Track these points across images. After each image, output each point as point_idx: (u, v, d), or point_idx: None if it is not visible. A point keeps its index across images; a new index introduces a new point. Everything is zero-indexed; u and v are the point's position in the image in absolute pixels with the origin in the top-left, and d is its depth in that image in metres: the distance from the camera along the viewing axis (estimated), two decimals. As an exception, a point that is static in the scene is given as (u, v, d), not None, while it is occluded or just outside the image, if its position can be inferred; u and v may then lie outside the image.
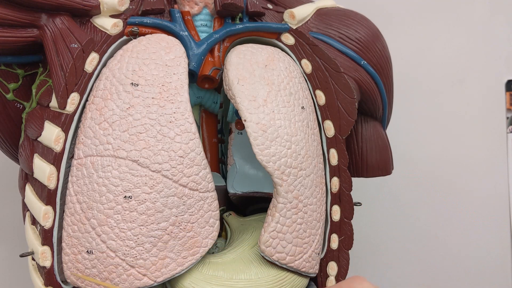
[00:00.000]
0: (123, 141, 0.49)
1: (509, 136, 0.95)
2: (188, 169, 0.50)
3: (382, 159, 0.66)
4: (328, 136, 0.59)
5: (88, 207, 0.49)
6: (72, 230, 0.50)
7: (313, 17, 0.61)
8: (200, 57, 0.55)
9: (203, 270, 0.53)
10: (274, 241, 0.53)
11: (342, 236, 0.61)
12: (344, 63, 0.59)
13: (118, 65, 0.51)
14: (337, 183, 0.60)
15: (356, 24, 0.61)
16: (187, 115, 0.50)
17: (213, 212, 0.52)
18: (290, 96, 0.55)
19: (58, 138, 0.51)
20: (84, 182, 0.50)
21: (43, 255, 0.51)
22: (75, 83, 0.51)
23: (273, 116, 0.53)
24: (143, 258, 0.49)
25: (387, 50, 0.64)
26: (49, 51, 0.51)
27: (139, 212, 0.49)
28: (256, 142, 0.51)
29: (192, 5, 0.56)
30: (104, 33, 0.53)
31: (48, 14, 0.51)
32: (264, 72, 0.55)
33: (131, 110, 0.50)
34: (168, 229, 0.49)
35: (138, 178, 0.49)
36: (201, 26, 0.57)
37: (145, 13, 0.55)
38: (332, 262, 0.61)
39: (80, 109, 0.52)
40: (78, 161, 0.50)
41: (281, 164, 0.52)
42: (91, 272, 0.50)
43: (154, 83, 0.50)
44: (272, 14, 0.60)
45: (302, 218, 0.54)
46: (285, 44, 0.59)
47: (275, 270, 0.54)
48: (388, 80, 0.64)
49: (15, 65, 0.55)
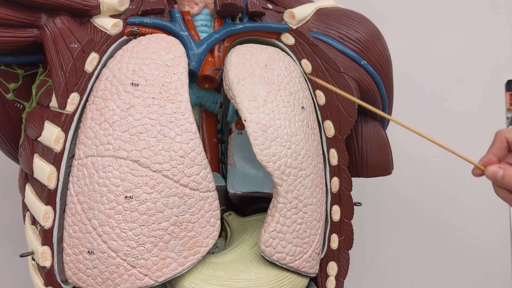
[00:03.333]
0: (123, 141, 0.49)
1: (509, 136, 0.95)
2: (188, 169, 0.50)
3: (382, 159, 0.66)
4: (328, 136, 0.59)
5: (89, 207, 0.49)
6: (73, 231, 0.50)
7: (313, 17, 0.61)
8: (200, 57, 0.55)
9: (203, 270, 0.53)
10: (274, 241, 0.53)
11: (342, 236, 0.61)
12: (344, 63, 0.59)
13: (118, 65, 0.51)
14: (337, 183, 0.60)
15: (356, 24, 0.61)
16: (188, 115, 0.50)
17: (214, 212, 0.52)
18: (290, 96, 0.55)
19: (58, 138, 0.51)
20: (85, 182, 0.50)
21: (43, 255, 0.51)
22: (75, 83, 0.51)
23: (273, 116, 0.53)
24: (144, 258, 0.49)
25: (387, 50, 0.64)
26: (49, 51, 0.51)
27: (140, 212, 0.49)
28: (256, 142, 0.51)
29: (192, 5, 0.56)
30: (104, 33, 0.53)
31: (48, 14, 0.51)
32: (264, 72, 0.55)
33: (132, 110, 0.50)
34: (169, 229, 0.49)
35: (139, 178, 0.49)
36: (201, 26, 0.57)
37: (145, 13, 0.55)
38: (332, 262, 0.61)
39: (80, 109, 0.52)
40: (78, 161, 0.50)
41: (281, 164, 0.52)
42: (92, 272, 0.50)
43: (154, 83, 0.50)
44: (272, 14, 0.60)
45: (302, 218, 0.54)
46: (285, 44, 0.59)
47: (275, 270, 0.54)
48: (388, 80, 0.64)
49: (15, 65, 0.55)
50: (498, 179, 0.48)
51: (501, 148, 0.49)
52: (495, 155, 0.50)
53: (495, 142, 0.50)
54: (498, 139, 0.49)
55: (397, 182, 0.95)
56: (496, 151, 0.50)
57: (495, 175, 0.48)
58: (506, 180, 0.47)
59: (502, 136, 0.49)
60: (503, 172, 0.48)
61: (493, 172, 0.48)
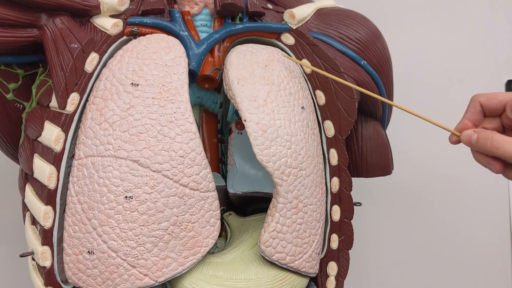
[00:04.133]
0: (123, 141, 0.49)
1: (509, 136, 0.95)
2: (188, 169, 0.50)
3: (382, 159, 0.66)
4: (328, 136, 0.59)
5: (89, 207, 0.49)
6: (73, 231, 0.50)
7: (313, 17, 0.61)
8: (200, 57, 0.55)
9: (203, 270, 0.53)
10: (274, 241, 0.53)
11: (342, 236, 0.61)
12: (344, 63, 0.59)
13: (118, 65, 0.51)
14: (337, 183, 0.60)
15: (356, 24, 0.61)
16: (188, 115, 0.50)
17: (214, 212, 0.52)
18: (290, 96, 0.55)
19: (58, 138, 0.51)
20: (85, 182, 0.50)
21: (43, 255, 0.51)
22: (75, 83, 0.51)
23: (273, 116, 0.53)
24: (144, 258, 0.49)
25: (387, 50, 0.64)
26: (49, 51, 0.51)
27: (140, 212, 0.49)
28: (256, 142, 0.51)
29: (192, 5, 0.56)
30: (104, 33, 0.53)
31: (48, 14, 0.51)
32: (264, 72, 0.55)
33: (132, 110, 0.50)
34: (169, 229, 0.49)
35: (139, 178, 0.49)
36: (201, 26, 0.57)
37: (145, 13, 0.55)
38: (332, 262, 0.61)
39: (80, 109, 0.52)
40: (78, 161, 0.50)
41: (281, 164, 0.52)
42: (92, 272, 0.50)
43: (154, 83, 0.50)
44: (272, 14, 0.60)
45: (302, 218, 0.54)
46: (285, 44, 0.59)
47: (275, 270, 0.54)
48: (388, 80, 0.64)
49: (15, 65, 0.55)
50: (473, 143, 0.47)
51: (475, 113, 0.48)
52: (470, 120, 0.49)
53: (470, 107, 0.49)
54: (472, 104, 0.48)
55: (397, 182, 0.95)
56: (471, 115, 0.48)
57: (469, 139, 0.47)
58: (481, 143, 0.46)
59: (476, 101, 0.48)
60: (477, 135, 0.46)
61: (468, 136, 0.47)
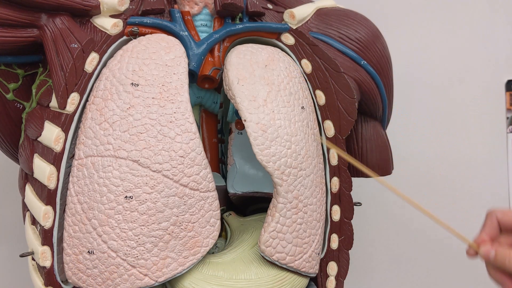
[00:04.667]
0: (123, 141, 0.49)
1: (509, 136, 0.95)
2: (188, 169, 0.50)
3: (382, 159, 0.66)
4: (328, 136, 0.59)
5: (89, 207, 0.49)
6: (73, 231, 0.50)
7: (313, 17, 0.61)
8: (200, 57, 0.55)
9: (203, 270, 0.53)
10: (274, 241, 0.53)
11: (342, 236, 0.61)
12: (344, 63, 0.59)
13: (118, 65, 0.51)
14: (337, 183, 0.60)
15: (356, 24, 0.61)
16: (188, 115, 0.50)
17: (214, 212, 0.52)
18: (290, 96, 0.55)
19: (58, 138, 0.51)
20: (85, 182, 0.50)
21: (43, 255, 0.51)
22: (75, 83, 0.51)
23: (273, 116, 0.53)
24: (144, 258, 0.49)
25: (387, 50, 0.64)
26: (49, 51, 0.51)
27: (140, 212, 0.49)
28: (256, 142, 0.51)
29: (192, 5, 0.56)
30: (104, 33, 0.53)
31: (48, 14, 0.51)
32: (264, 72, 0.55)
33: (132, 110, 0.50)
34: (169, 229, 0.49)
35: (139, 178, 0.49)
36: (201, 26, 0.57)
37: (145, 13, 0.55)
38: (332, 262, 0.61)
39: (80, 109, 0.52)
40: (78, 161, 0.50)
41: (281, 164, 0.52)
42: (92, 272, 0.50)
43: (154, 83, 0.50)
44: (272, 14, 0.60)
45: (302, 218, 0.54)
46: (285, 44, 0.59)
47: (275, 270, 0.54)
48: (388, 80, 0.64)
49: (15, 65, 0.55)
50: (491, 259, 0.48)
51: (493, 228, 0.49)
52: (488, 234, 0.50)
53: (487, 221, 0.50)
54: (489, 219, 0.50)
55: (397, 182, 0.95)
56: (488, 230, 0.50)
57: (487, 254, 0.48)
58: (498, 260, 0.47)
59: (493, 216, 0.50)
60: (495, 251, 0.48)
61: (486, 252, 0.48)
